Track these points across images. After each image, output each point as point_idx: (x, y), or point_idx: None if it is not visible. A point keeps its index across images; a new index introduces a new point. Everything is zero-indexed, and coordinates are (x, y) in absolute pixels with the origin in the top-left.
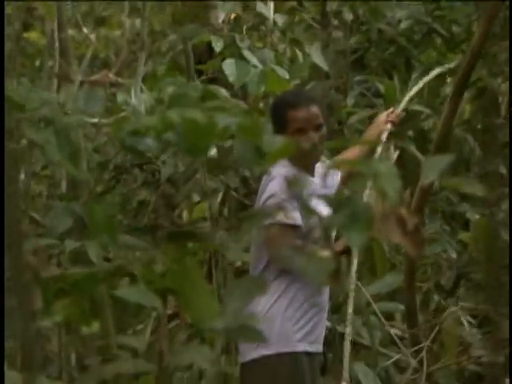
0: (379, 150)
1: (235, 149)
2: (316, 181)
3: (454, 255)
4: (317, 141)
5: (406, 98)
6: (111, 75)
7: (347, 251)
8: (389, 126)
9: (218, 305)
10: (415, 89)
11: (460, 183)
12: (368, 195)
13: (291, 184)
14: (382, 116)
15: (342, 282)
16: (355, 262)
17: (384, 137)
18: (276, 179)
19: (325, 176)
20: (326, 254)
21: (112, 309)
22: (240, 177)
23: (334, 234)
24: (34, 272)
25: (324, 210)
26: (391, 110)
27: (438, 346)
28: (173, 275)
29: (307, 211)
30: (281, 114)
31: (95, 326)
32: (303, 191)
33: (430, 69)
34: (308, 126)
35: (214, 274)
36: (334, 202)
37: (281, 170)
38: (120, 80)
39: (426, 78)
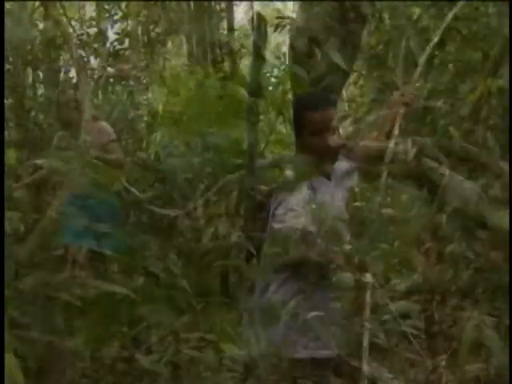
0: (393, 141)
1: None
2: (332, 183)
3: (471, 255)
4: (333, 142)
5: (419, 69)
6: (127, 67)
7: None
8: (402, 109)
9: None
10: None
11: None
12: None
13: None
14: (395, 97)
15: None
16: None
17: (399, 119)
18: None
19: (340, 178)
20: (348, 277)
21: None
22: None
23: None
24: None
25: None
26: (403, 90)
27: (456, 345)
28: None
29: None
30: (298, 116)
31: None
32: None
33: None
34: (324, 128)
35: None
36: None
37: None
38: (137, 74)
39: (440, 30)
